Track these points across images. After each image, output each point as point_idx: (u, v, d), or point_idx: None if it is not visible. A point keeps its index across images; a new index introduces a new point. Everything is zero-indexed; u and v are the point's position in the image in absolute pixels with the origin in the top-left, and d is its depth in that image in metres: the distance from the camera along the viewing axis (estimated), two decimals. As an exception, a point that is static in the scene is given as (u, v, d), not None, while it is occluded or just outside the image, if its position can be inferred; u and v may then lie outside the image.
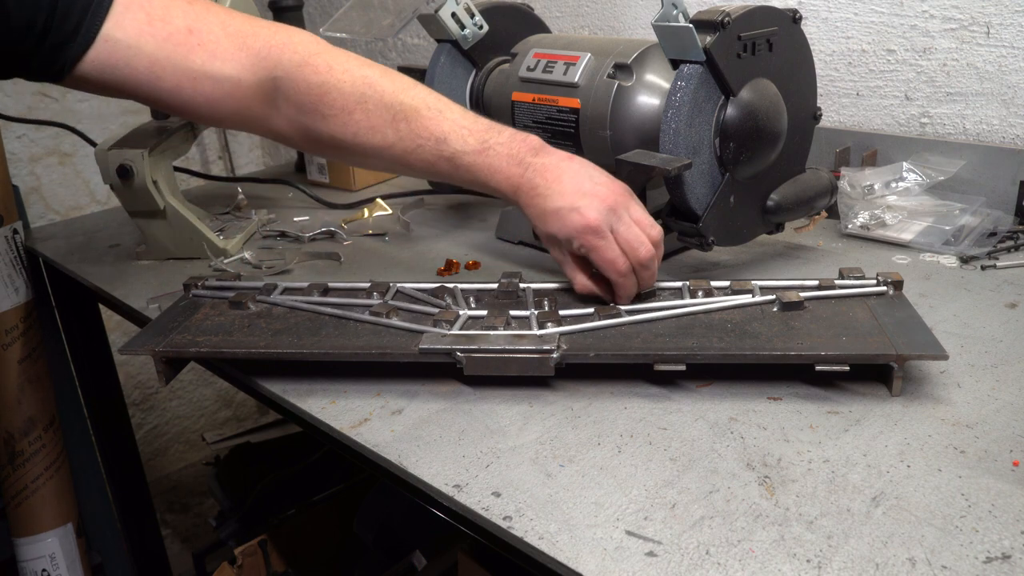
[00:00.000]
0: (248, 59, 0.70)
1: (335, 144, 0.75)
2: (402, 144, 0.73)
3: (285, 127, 0.75)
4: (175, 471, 2.17)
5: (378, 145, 0.73)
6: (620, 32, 1.38)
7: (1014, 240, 0.95)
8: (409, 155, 0.73)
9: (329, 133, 0.73)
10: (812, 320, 0.71)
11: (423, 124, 0.73)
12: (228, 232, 1.14)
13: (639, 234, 0.72)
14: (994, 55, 1.01)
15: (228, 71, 0.69)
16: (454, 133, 0.73)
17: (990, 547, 0.49)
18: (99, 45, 0.63)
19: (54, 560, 1.37)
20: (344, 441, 0.66)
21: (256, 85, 0.70)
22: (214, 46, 0.68)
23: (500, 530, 0.54)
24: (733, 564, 0.49)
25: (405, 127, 0.73)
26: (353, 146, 0.74)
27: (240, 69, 0.69)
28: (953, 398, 0.65)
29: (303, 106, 0.72)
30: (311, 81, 0.72)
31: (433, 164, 0.74)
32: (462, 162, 0.73)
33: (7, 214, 1.28)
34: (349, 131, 0.73)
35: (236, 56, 0.70)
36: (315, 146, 0.77)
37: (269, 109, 0.73)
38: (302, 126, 0.74)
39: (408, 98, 0.74)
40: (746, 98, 0.82)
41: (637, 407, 0.67)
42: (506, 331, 0.71)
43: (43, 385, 1.34)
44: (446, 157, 0.73)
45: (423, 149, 0.73)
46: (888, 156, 1.08)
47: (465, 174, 0.74)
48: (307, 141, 0.76)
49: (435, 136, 0.73)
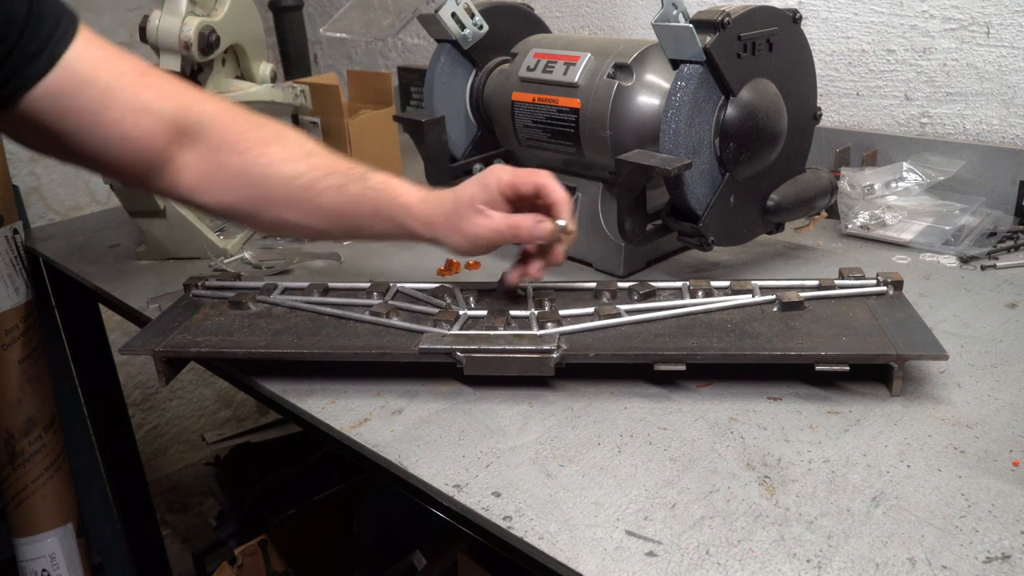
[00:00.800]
0: (182, 103, 0.73)
1: (245, 179, 0.75)
2: (312, 173, 0.75)
3: (193, 172, 0.74)
4: (175, 471, 2.17)
5: (290, 174, 0.74)
6: (620, 32, 1.38)
7: (1014, 240, 0.95)
8: (319, 182, 0.74)
9: (241, 166, 0.74)
10: (812, 320, 0.71)
11: (335, 159, 0.76)
12: (228, 232, 1.14)
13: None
14: (994, 55, 1.01)
15: (167, 110, 0.71)
16: (362, 167, 0.76)
17: (990, 547, 0.49)
18: (59, 70, 0.65)
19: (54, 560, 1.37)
20: (344, 441, 0.66)
21: (183, 126, 0.73)
22: (160, 88, 0.72)
23: (500, 530, 0.54)
24: (733, 564, 0.49)
25: (318, 159, 0.76)
26: (264, 178, 0.74)
27: (175, 111, 0.72)
28: (953, 398, 0.65)
29: (222, 143, 0.74)
30: (236, 121, 0.75)
31: (342, 188, 0.74)
32: (372, 181, 0.75)
33: (7, 214, 1.28)
34: (263, 162, 0.74)
35: (176, 99, 0.73)
36: (219, 190, 0.75)
37: (182, 151, 0.73)
38: (214, 165, 0.74)
39: (318, 144, 0.78)
40: (746, 98, 0.82)
41: (637, 407, 0.67)
42: (506, 331, 0.71)
43: (43, 385, 1.34)
44: (356, 178, 0.75)
45: (333, 176, 0.75)
46: (888, 156, 1.08)
47: (373, 193, 0.74)
48: (211, 186, 0.75)
49: (346, 166, 0.76)
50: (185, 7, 1.03)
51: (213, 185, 0.75)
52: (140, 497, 1.52)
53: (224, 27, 1.07)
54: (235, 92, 1.16)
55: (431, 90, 1.07)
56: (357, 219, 0.75)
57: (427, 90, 1.08)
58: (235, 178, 0.75)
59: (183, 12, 1.02)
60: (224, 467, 1.73)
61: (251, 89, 1.18)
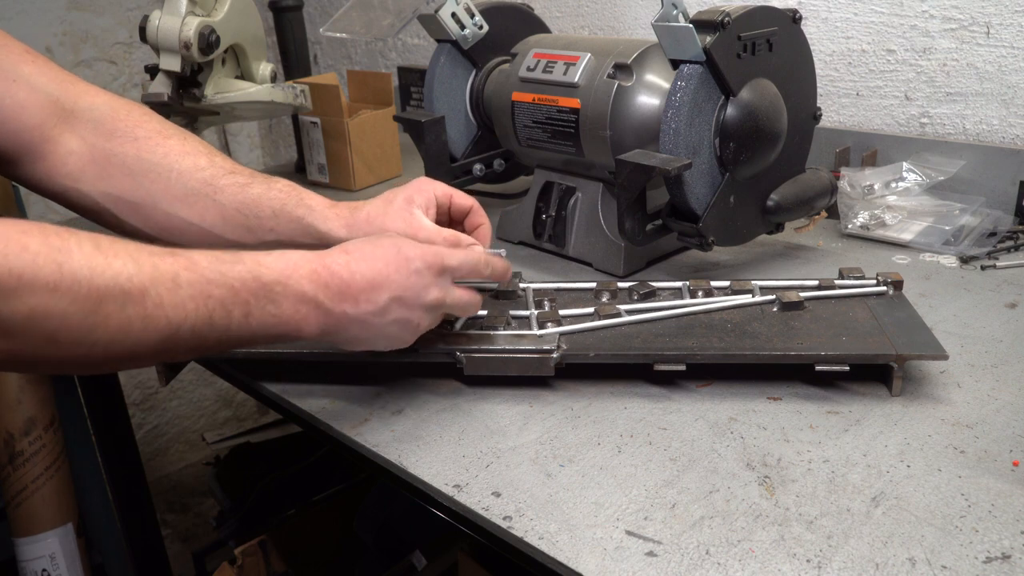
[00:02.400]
0: (74, 91, 0.70)
1: (138, 167, 0.70)
2: (212, 169, 0.72)
3: (78, 156, 0.70)
4: (175, 471, 2.17)
5: (188, 167, 0.71)
6: (620, 32, 1.38)
7: (1014, 240, 0.95)
8: (219, 179, 0.72)
9: (136, 154, 0.70)
10: (812, 320, 0.71)
11: (237, 164, 0.74)
12: (228, 232, 1.14)
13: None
14: (994, 55, 1.01)
15: (50, 88, 0.68)
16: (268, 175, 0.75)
17: (990, 547, 0.49)
18: None
19: (54, 560, 1.37)
20: (344, 441, 0.66)
21: (69, 110, 0.69)
22: (46, 68, 0.69)
23: (500, 530, 0.54)
24: (733, 564, 0.49)
25: (220, 159, 0.73)
26: (159, 167, 0.71)
27: (61, 92, 0.69)
28: (953, 398, 0.65)
29: (115, 131, 0.70)
30: (133, 111, 0.72)
31: (246, 186, 0.72)
32: (278, 183, 0.73)
33: (7, 214, 1.28)
34: (160, 151, 0.71)
35: (63, 83, 0.69)
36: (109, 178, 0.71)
37: (67, 134, 0.69)
38: (104, 151, 0.70)
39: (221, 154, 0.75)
40: (746, 98, 0.82)
41: (637, 407, 0.67)
42: (506, 331, 0.71)
43: (43, 385, 1.34)
44: (260, 180, 0.73)
45: (236, 175, 0.73)
46: (888, 156, 1.08)
47: (277, 193, 0.72)
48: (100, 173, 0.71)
49: (249, 171, 0.74)
50: (185, 7, 1.03)
51: (102, 171, 0.70)
52: (140, 497, 1.52)
53: (224, 27, 1.07)
54: (235, 92, 1.16)
55: (431, 90, 1.07)
56: (258, 220, 0.72)
57: (427, 90, 1.08)
58: (127, 167, 0.71)
59: (183, 12, 1.03)
60: (224, 467, 1.73)
61: (251, 89, 1.18)
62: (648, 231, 0.86)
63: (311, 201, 0.73)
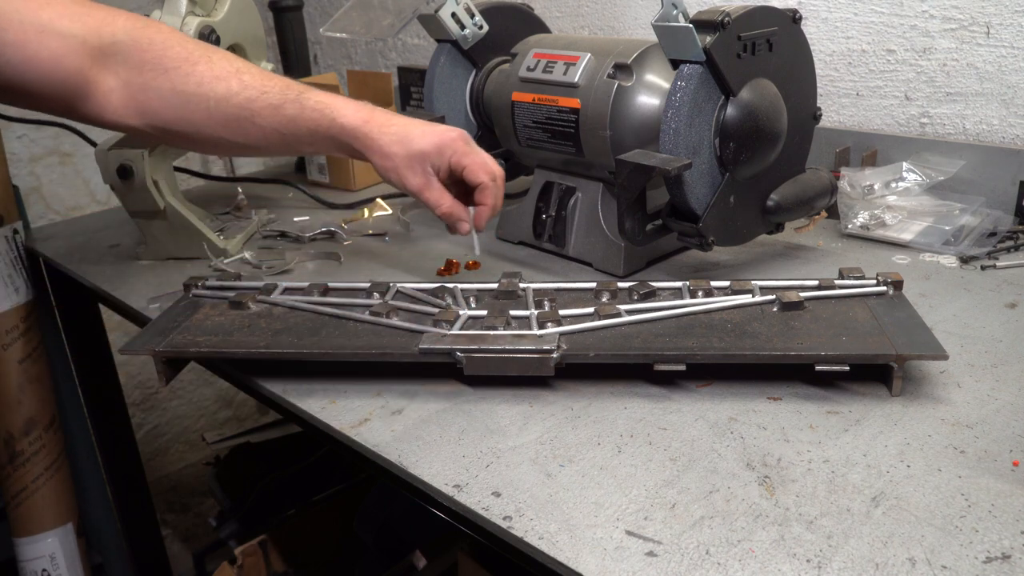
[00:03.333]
0: (93, 22, 0.71)
1: (175, 100, 0.73)
2: (247, 92, 0.74)
3: (119, 95, 0.73)
4: (175, 471, 2.17)
5: (223, 93, 0.73)
6: (620, 32, 1.38)
7: (1014, 240, 0.95)
8: (254, 102, 0.74)
9: (171, 87, 0.73)
10: (812, 320, 0.71)
11: (267, 76, 0.76)
12: (228, 232, 1.14)
13: (489, 155, 0.80)
14: (994, 55, 1.01)
15: (75, 30, 0.69)
16: (297, 83, 0.77)
17: (990, 547, 0.49)
18: None
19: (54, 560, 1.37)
20: (344, 441, 0.66)
21: (98, 47, 0.71)
22: (62, 7, 0.69)
23: (500, 530, 0.54)
24: (733, 564, 0.49)
25: (249, 77, 0.75)
26: (196, 97, 0.73)
27: (85, 30, 0.70)
28: (953, 398, 0.65)
29: (145, 63, 0.72)
30: (154, 38, 0.73)
31: (279, 108, 0.74)
32: (309, 101, 0.75)
33: (7, 214, 1.28)
34: (192, 80, 0.73)
35: (82, 18, 0.70)
36: (149, 112, 0.74)
37: (105, 74, 0.72)
38: (140, 86, 0.72)
39: (247, 62, 0.77)
40: (746, 98, 0.82)
41: (637, 407, 0.67)
42: (506, 331, 0.71)
43: (43, 385, 1.34)
44: (292, 98, 0.75)
45: (269, 95, 0.75)
46: (888, 156, 1.08)
47: (311, 113, 0.75)
48: (140, 108, 0.74)
49: (280, 84, 0.76)
50: (185, 7, 1.03)
51: (143, 107, 0.73)
52: (140, 497, 1.52)
53: (224, 27, 1.07)
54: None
55: (431, 90, 1.07)
56: (296, 139, 0.77)
57: (427, 90, 1.08)
58: (164, 99, 0.73)
59: (183, 12, 1.02)
60: (224, 467, 1.73)
61: (251, 89, 1.18)
62: (648, 231, 0.87)
63: (344, 120, 0.76)
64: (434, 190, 0.78)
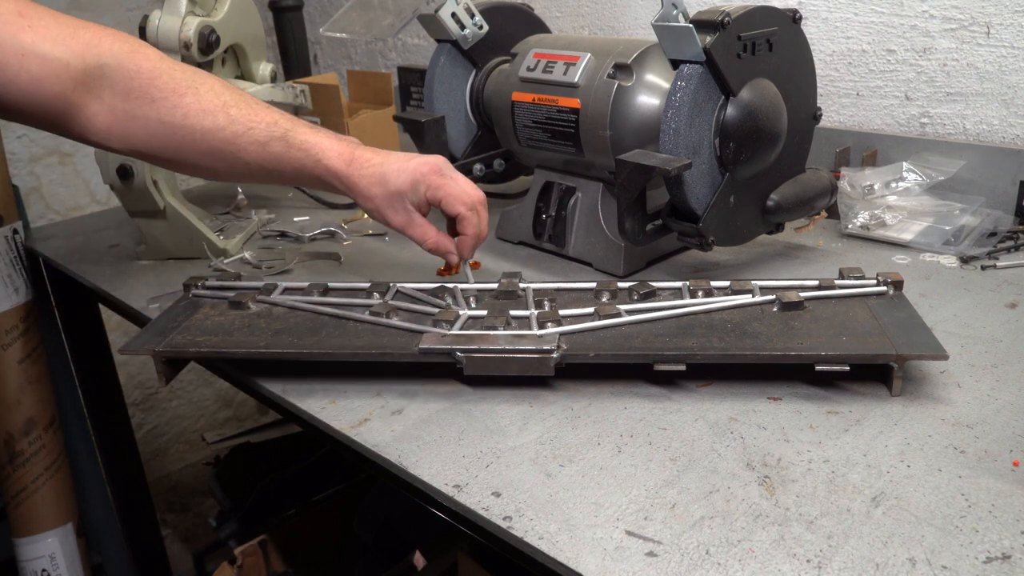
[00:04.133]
0: (78, 45, 0.70)
1: (161, 130, 0.73)
2: (233, 127, 0.74)
3: (105, 117, 0.73)
4: (175, 471, 2.17)
5: (209, 127, 0.74)
6: (620, 32, 1.38)
7: (1014, 240, 0.95)
8: (240, 137, 0.74)
9: (157, 117, 0.73)
10: (812, 320, 0.70)
11: (254, 111, 0.76)
12: (228, 232, 1.14)
13: (468, 180, 0.79)
14: (994, 55, 1.01)
15: (57, 52, 0.69)
16: (284, 118, 0.77)
17: (990, 547, 0.49)
18: None
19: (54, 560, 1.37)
20: (344, 441, 0.66)
21: (83, 70, 0.70)
22: (44, 30, 0.69)
23: (500, 530, 0.54)
24: (733, 564, 0.49)
25: (236, 111, 0.75)
26: (182, 130, 0.73)
27: (69, 53, 0.69)
28: (953, 398, 0.65)
29: (131, 91, 0.72)
30: (142, 66, 0.73)
31: (264, 145, 0.75)
32: (295, 140, 0.76)
33: (7, 214, 1.28)
34: (179, 113, 0.73)
35: (66, 41, 0.70)
36: (136, 137, 0.74)
37: (91, 98, 0.72)
38: (126, 113, 0.73)
39: (235, 92, 0.77)
40: (746, 98, 0.82)
41: (637, 407, 0.67)
42: (506, 331, 0.71)
43: (43, 385, 1.34)
44: (278, 136, 0.75)
45: (255, 131, 0.75)
46: (888, 156, 1.08)
47: (297, 152, 0.76)
48: (127, 133, 0.74)
49: (267, 120, 0.76)
50: (185, 7, 1.03)
51: (128, 133, 0.74)
52: (140, 497, 1.52)
53: (224, 27, 1.07)
54: (235, 92, 1.16)
55: (431, 90, 1.07)
56: (280, 174, 0.78)
57: (427, 90, 1.08)
58: (150, 128, 0.74)
59: (183, 12, 1.02)
60: (224, 467, 1.73)
61: (251, 89, 1.18)
62: (648, 231, 0.87)
63: (329, 163, 0.76)
64: (416, 227, 0.78)
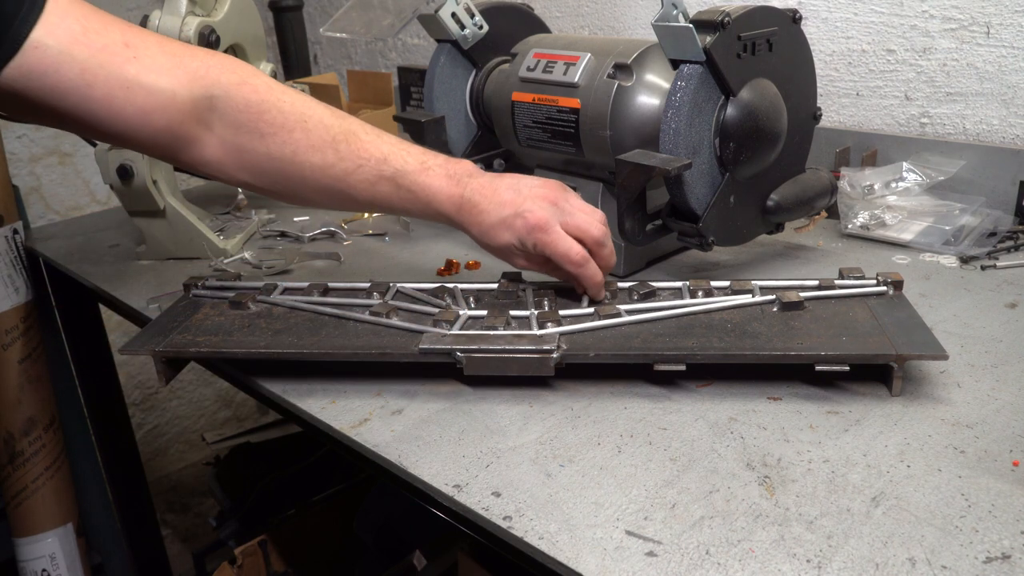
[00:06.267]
0: (185, 76, 0.69)
1: (272, 166, 0.73)
2: (343, 164, 0.73)
3: (216, 149, 0.73)
4: (175, 471, 2.17)
5: (318, 164, 0.73)
6: (620, 32, 1.38)
7: (1014, 240, 0.95)
8: (350, 175, 0.73)
9: (267, 152, 0.72)
10: (812, 320, 0.70)
11: (363, 145, 0.74)
12: (228, 232, 1.14)
13: (586, 217, 0.75)
14: (994, 55, 1.01)
15: (163, 84, 0.68)
16: (394, 154, 0.74)
17: (990, 547, 0.49)
18: (27, 51, 0.61)
19: (54, 560, 1.37)
20: (344, 441, 0.66)
21: (191, 102, 0.69)
22: (150, 61, 0.68)
23: (500, 530, 0.54)
24: (733, 564, 0.49)
25: (345, 148, 0.73)
26: (292, 166, 0.73)
27: (176, 84, 0.68)
28: (953, 398, 0.65)
29: (240, 124, 0.71)
30: (250, 99, 0.72)
31: (374, 184, 0.74)
32: (404, 181, 0.74)
33: (7, 214, 1.28)
34: (288, 150, 0.72)
35: (173, 72, 0.69)
36: (247, 170, 0.74)
37: (201, 130, 0.71)
38: (237, 147, 0.72)
39: (346, 123, 0.75)
40: (746, 98, 0.82)
41: (637, 407, 0.67)
42: (506, 331, 0.71)
43: (43, 385, 1.35)
44: (387, 176, 0.73)
45: (364, 169, 0.73)
46: (888, 156, 1.08)
47: (406, 194, 0.74)
48: (239, 165, 0.74)
49: (376, 156, 0.74)
50: (185, 7, 1.03)
51: (240, 165, 0.74)
52: (140, 497, 1.52)
53: (224, 27, 1.07)
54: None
55: (431, 90, 1.07)
56: (390, 209, 0.77)
57: (427, 90, 1.08)
58: (260, 163, 0.73)
59: (183, 12, 1.03)
60: (224, 467, 1.73)
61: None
62: (648, 231, 0.87)
63: (439, 207, 0.74)
64: (535, 265, 0.77)
